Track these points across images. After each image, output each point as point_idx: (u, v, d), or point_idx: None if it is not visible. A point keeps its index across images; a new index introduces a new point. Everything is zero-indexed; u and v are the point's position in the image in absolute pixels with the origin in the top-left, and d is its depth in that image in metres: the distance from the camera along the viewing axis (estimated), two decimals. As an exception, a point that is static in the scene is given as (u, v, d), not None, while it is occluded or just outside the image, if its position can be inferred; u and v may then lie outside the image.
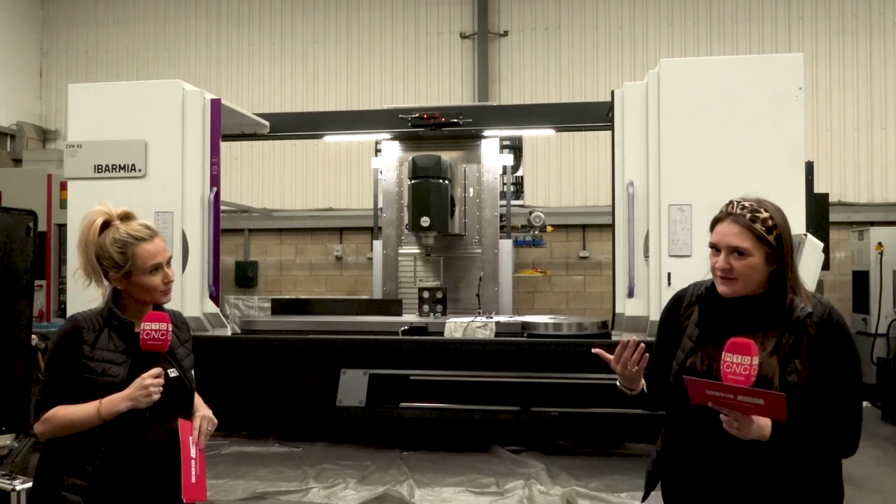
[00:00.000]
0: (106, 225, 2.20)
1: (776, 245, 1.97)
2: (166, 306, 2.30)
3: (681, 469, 2.10)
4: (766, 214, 1.98)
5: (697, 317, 2.10)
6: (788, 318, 1.96)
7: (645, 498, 2.23)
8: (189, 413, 2.29)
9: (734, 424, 1.86)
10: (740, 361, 1.83)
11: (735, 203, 2.02)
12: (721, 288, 2.01)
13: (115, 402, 2.07)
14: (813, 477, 1.97)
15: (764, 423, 1.86)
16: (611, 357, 2.10)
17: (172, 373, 2.21)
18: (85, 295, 2.28)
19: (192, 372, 2.33)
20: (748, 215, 1.97)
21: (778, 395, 1.80)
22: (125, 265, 2.16)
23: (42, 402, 2.13)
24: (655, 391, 2.18)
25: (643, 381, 2.15)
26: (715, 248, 2.03)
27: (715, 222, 2.05)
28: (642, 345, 2.06)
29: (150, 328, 2.12)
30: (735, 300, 2.02)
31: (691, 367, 2.03)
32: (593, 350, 2.17)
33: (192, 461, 2.16)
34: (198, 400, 2.36)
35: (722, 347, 1.90)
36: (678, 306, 2.19)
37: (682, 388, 1.96)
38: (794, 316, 1.95)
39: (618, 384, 2.17)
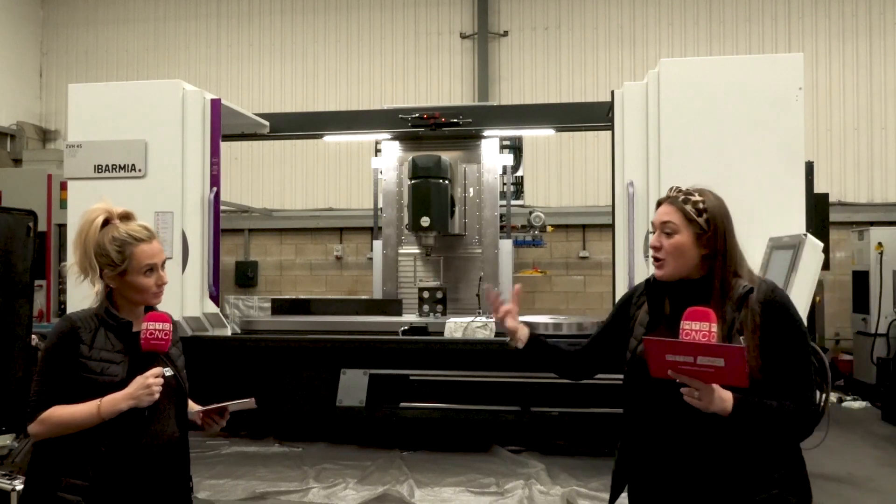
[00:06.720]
0: (106, 223, 2.21)
1: (706, 227, 2.01)
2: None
3: (641, 465, 2.07)
4: (697, 198, 2.04)
5: (647, 305, 2.15)
6: (728, 296, 1.99)
7: (612, 501, 2.17)
8: (185, 412, 2.30)
9: (695, 394, 1.83)
10: (699, 328, 1.84)
11: (674, 188, 2.10)
12: (655, 272, 2.09)
13: (117, 400, 2.07)
14: (775, 468, 1.93)
15: (725, 396, 1.83)
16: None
17: (168, 372, 2.21)
18: (84, 293, 2.28)
19: (184, 372, 2.34)
20: (681, 197, 2.05)
21: (737, 348, 1.77)
22: (122, 264, 2.17)
23: (37, 402, 2.10)
24: (581, 362, 2.38)
25: (523, 333, 2.35)
26: (653, 230, 2.12)
27: (657, 205, 2.14)
28: (496, 290, 2.33)
29: (154, 328, 2.13)
30: (677, 284, 2.06)
31: (643, 353, 2.00)
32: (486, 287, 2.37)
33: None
34: (191, 403, 2.37)
35: (672, 331, 1.92)
36: (631, 297, 2.28)
37: (638, 374, 2.03)
38: (736, 294, 1.98)
39: (507, 342, 2.37)
